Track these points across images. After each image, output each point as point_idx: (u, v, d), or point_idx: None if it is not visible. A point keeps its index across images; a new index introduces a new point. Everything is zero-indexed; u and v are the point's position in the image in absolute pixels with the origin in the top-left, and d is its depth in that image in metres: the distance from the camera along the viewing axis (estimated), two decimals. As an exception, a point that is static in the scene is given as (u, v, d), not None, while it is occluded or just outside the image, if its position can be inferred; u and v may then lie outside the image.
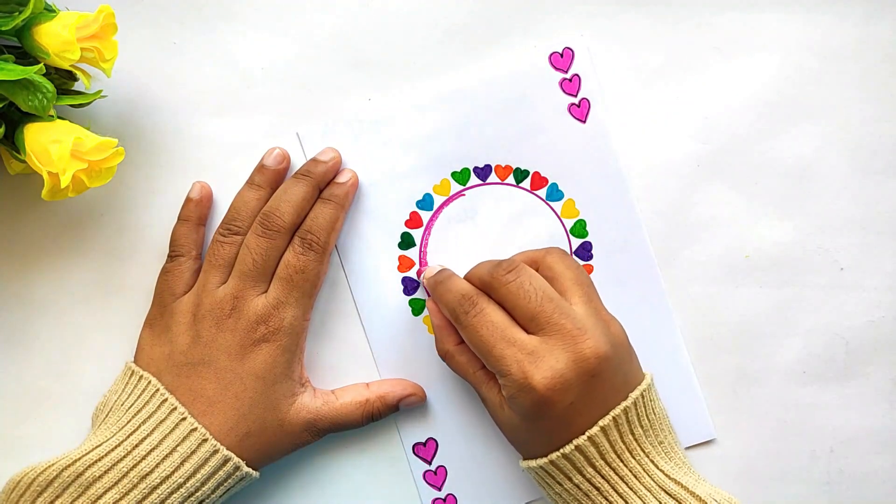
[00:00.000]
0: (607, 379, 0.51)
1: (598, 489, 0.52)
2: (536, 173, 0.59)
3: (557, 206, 0.59)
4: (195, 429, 0.53)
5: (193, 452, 0.53)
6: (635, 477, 0.52)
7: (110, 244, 0.59)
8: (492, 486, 0.59)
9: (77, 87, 0.56)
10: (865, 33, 0.59)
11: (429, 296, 0.58)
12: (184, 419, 0.53)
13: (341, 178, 0.58)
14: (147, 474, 0.52)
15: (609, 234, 0.59)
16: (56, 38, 0.52)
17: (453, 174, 0.59)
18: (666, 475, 0.52)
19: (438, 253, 0.59)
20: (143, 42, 0.59)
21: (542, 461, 0.53)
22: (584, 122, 0.59)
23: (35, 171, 0.53)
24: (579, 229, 0.59)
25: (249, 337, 0.55)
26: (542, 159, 0.59)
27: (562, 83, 0.59)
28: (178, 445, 0.53)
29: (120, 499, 0.52)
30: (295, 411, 0.56)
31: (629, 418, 0.52)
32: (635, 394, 0.52)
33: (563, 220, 0.59)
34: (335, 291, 0.59)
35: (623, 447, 0.52)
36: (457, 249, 0.59)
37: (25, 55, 0.53)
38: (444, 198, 0.59)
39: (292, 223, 0.56)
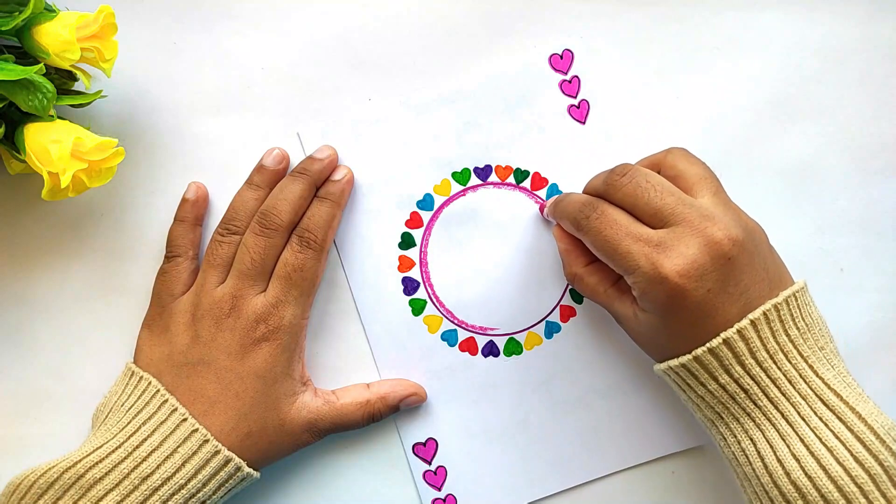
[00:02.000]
0: (746, 266, 0.49)
1: (745, 391, 0.49)
2: (536, 174, 0.59)
3: (558, 206, 0.59)
4: (196, 430, 0.53)
5: (195, 454, 0.53)
6: (789, 381, 0.48)
7: (110, 244, 0.59)
8: (492, 486, 0.59)
9: (77, 87, 0.56)
10: (866, 33, 0.59)
11: (556, 225, 0.57)
12: (184, 420, 0.53)
13: (336, 176, 0.58)
14: (148, 476, 0.52)
15: (609, 234, 0.59)
16: (56, 38, 0.52)
17: (454, 174, 0.59)
18: (826, 384, 0.48)
19: (439, 253, 0.59)
20: (143, 42, 0.59)
21: (684, 358, 0.49)
22: (584, 123, 0.59)
23: (35, 171, 0.53)
24: (580, 230, 0.59)
25: (249, 336, 0.55)
26: (542, 160, 0.59)
27: (561, 84, 0.59)
28: (179, 447, 0.53)
29: (121, 501, 0.52)
30: (296, 411, 0.56)
31: (781, 316, 0.49)
32: (787, 292, 0.49)
33: (563, 220, 0.59)
34: (335, 291, 0.59)
35: (776, 347, 0.49)
36: (457, 249, 0.59)
37: (25, 55, 0.53)
38: (445, 198, 0.59)
39: (290, 222, 0.56)
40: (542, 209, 0.59)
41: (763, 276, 0.50)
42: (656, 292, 0.49)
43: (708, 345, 0.49)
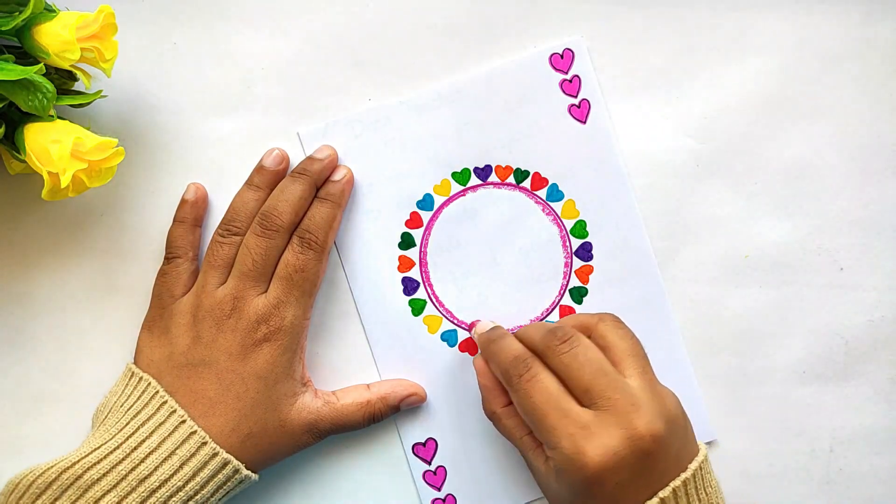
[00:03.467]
0: (661, 458, 0.49)
1: None
2: (537, 174, 0.59)
3: (558, 206, 0.59)
4: (195, 431, 0.53)
5: (193, 455, 0.53)
6: None
7: (110, 244, 0.59)
8: (491, 487, 0.59)
9: (77, 87, 0.56)
10: (865, 34, 0.59)
11: (477, 352, 0.57)
12: (183, 422, 0.53)
13: (336, 176, 0.58)
14: (146, 477, 0.52)
15: (609, 234, 0.59)
16: (56, 38, 0.52)
17: (454, 174, 0.59)
18: None
19: (439, 253, 0.59)
20: (143, 42, 0.59)
21: None
22: (585, 122, 0.59)
23: (35, 171, 0.53)
24: (579, 230, 0.59)
25: (250, 337, 0.55)
26: (542, 160, 0.59)
27: (562, 84, 0.59)
28: (177, 448, 0.53)
29: (119, 502, 0.51)
30: (296, 411, 0.56)
31: (688, 490, 0.50)
32: (694, 465, 0.50)
33: (563, 220, 0.59)
34: (335, 291, 0.59)
35: None
36: (457, 249, 0.59)
37: (25, 55, 0.53)
38: (445, 198, 0.59)
39: (291, 222, 0.56)
40: (470, 327, 0.59)
41: (675, 460, 0.50)
42: (573, 475, 0.49)
43: None
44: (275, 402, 0.55)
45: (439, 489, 0.59)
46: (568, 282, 0.59)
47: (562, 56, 0.59)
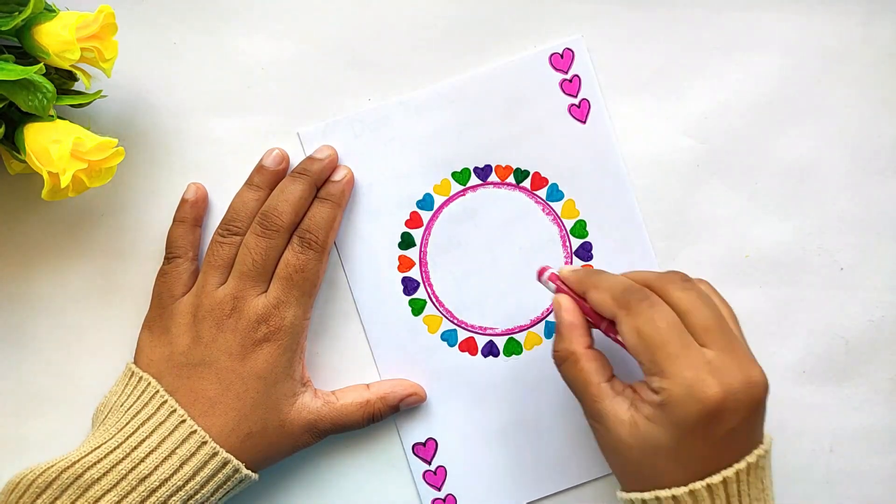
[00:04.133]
0: (760, 417, 0.49)
1: None
2: (537, 174, 0.59)
3: (558, 206, 0.59)
4: (195, 431, 0.53)
5: (193, 455, 0.53)
6: None
7: (110, 244, 0.59)
8: (491, 486, 0.59)
9: (77, 87, 0.56)
10: (865, 33, 0.59)
11: (559, 290, 0.53)
12: (183, 421, 0.53)
13: (336, 176, 0.58)
14: (146, 477, 0.52)
15: (609, 234, 0.59)
16: (56, 38, 0.52)
17: (453, 174, 0.59)
18: None
19: (438, 253, 0.59)
20: (143, 42, 0.59)
21: (678, 490, 0.47)
22: (585, 122, 0.59)
23: (35, 171, 0.53)
24: (579, 230, 0.59)
25: (250, 337, 0.55)
26: (542, 160, 0.59)
27: (562, 84, 0.59)
28: (177, 448, 0.53)
29: (119, 501, 0.52)
30: (296, 411, 0.56)
31: (763, 465, 0.49)
32: (769, 443, 0.50)
33: (563, 220, 0.59)
34: (335, 291, 0.59)
35: (758, 493, 0.48)
36: (457, 249, 0.59)
37: (25, 55, 0.53)
38: (445, 198, 0.59)
39: (291, 222, 0.56)
40: (540, 273, 0.54)
41: (761, 430, 0.50)
42: (690, 408, 0.46)
43: (708, 480, 0.47)
44: (274, 401, 0.55)
45: (439, 489, 0.59)
46: (568, 282, 0.59)
47: (562, 56, 0.59)
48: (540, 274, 0.54)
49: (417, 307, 0.59)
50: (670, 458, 0.48)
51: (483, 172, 0.59)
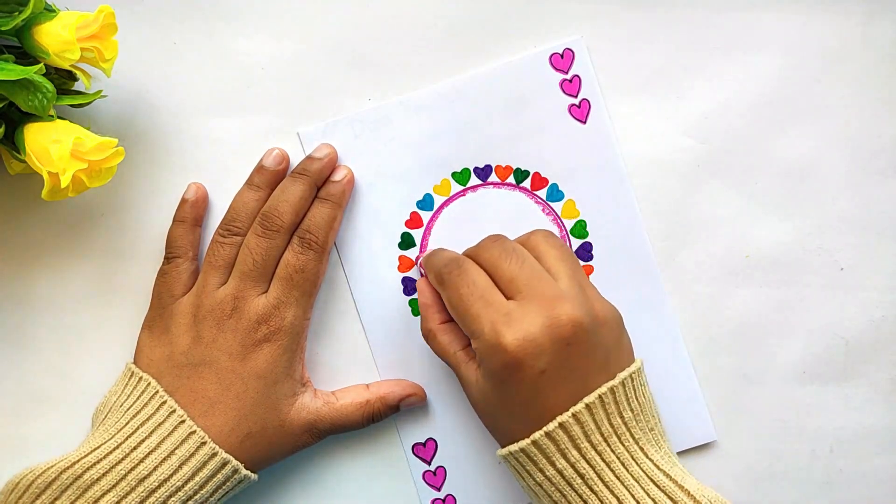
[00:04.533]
0: (585, 352, 0.49)
1: (581, 476, 0.49)
2: (537, 174, 0.59)
3: (558, 206, 0.59)
4: (194, 431, 0.53)
5: (192, 455, 0.53)
6: (622, 464, 0.49)
7: (110, 244, 0.59)
8: (491, 487, 0.59)
9: (77, 87, 0.56)
10: (865, 33, 0.59)
11: (422, 275, 0.57)
12: (183, 422, 0.53)
13: (337, 176, 0.58)
14: (145, 477, 0.52)
15: (609, 234, 0.59)
16: (56, 38, 0.52)
17: (453, 174, 0.59)
18: (655, 465, 0.50)
19: (438, 253, 0.59)
20: (143, 42, 0.59)
21: (523, 443, 0.49)
22: (585, 122, 0.59)
23: (35, 171, 0.53)
24: (579, 230, 0.59)
25: (251, 337, 0.55)
26: (542, 160, 0.59)
27: (562, 84, 0.59)
28: (176, 448, 0.53)
29: (118, 502, 0.51)
30: (296, 411, 0.56)
31: (616, 398, 0.50)
32: (623, 374, 0.50)
33: (563, 220, 0.59)
34: (335, 291, 0.59)
35: (610, 430, 0.49)
36: (457, 250, 0.59)
37: (25, 55, 0.53)
38: (445, 198, 0.59)
39: (291, 223, 0.56)
40: (416, 262, 0.59)
41: (602, 364, 0.50)
42: (493, 360, 0.49)
43: (545, 429, 0.49)
44: (274, 402, 0.55)
45: (439, 489, 0.59)
46: (568, 282, 0.59)
47: (562, 56, 0.59)
48: (416, 261, 0.59)
49: (417, 307, 0.59)
50: (506, 410, 0.50)
51: (483, 172, 0.59)
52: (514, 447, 0.50)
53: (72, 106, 0.56)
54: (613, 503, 0.49)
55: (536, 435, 0.49)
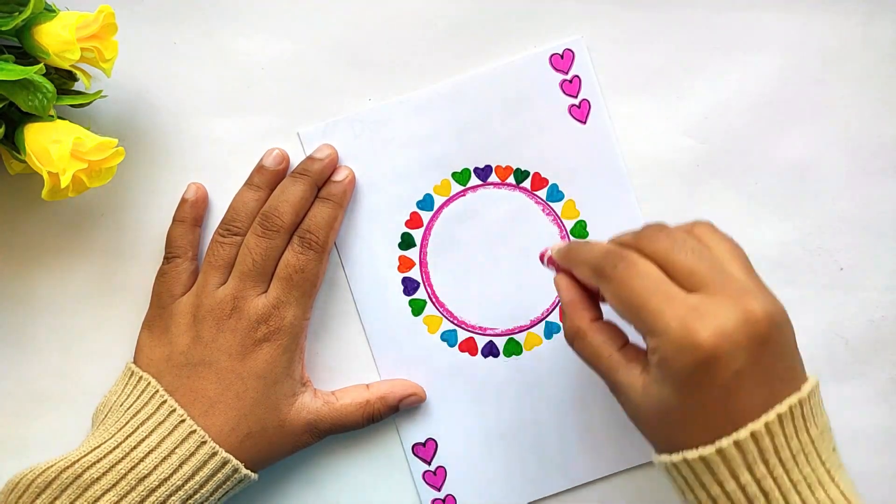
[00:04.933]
0: (778, 352, 0.44)
1: (766, 495, 0.43)
2: (537, 174, 0.59)
3: (558, 206, 0.59)
4: (194, 431, 0.53)
5: (192, 455, 0.53)
6: (809, 487, 0.44)
7: (110, 244, 0.59)
8: (491, 487, 0.59)
9: (77, 87, 0.56)
10: (865, 33, 0.59)
11: (558, 271, 0.52)
12: (183, 421, 0.53)
13: (338, 177, 0.58)
14: (145, 476, 0.52)
15: (609, 234, 0.59)
16: (56, 38, 0.52)
17: (454, 174, 0.59)
18: (842, 493, 0.44)
19: (438, 253, 0.59)
20: (143, 42, 0.59)
21: (706, 450, 0.43)
22: (585, 123, 0.59)
23: (35, 171, 0.53)
24: (580, 230, 0.59)
25: (250, 337, 0.55)
26: (542, 160, 0.59)
27: (562, 84, 0.59)
28: (176, 447, 0.53)
29: (118, 501, 0.51)
30: (296, 411, 0.56)
31: (804, 412, 0.44)
32: (808, 387, 0.45)
33: (563, 220, 0.59)
34: (335, 291, 0.59)
35: (799, 446, 0.44)
36: (457, 250, 0.59)
37: (25, 55, 0.53)
38: (445, 198, 0.59)
39: (291, 223, 0.56)
40: (541, 257, 0.54)
41: (790, 367, 0.45)
42: (684, 360, 0.43)
43: (735, 436, 0.43)
44: (274, 401, 0.55)
45: (439, 489, 0.59)
46: (568, 282, 0.59)
47: (562, 56, 0.59)
48: (541, 258, 0.54)
49: (417, 307, 0.59)
50: (686, 416, 0.44)
51: (483, 173, 0.59)
52: (691, 454, 0.44)
53: (72, 106, 0.56)
54: None
55: (724, 443, 0.43)
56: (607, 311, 0.50)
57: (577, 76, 0.59)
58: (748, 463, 0.43)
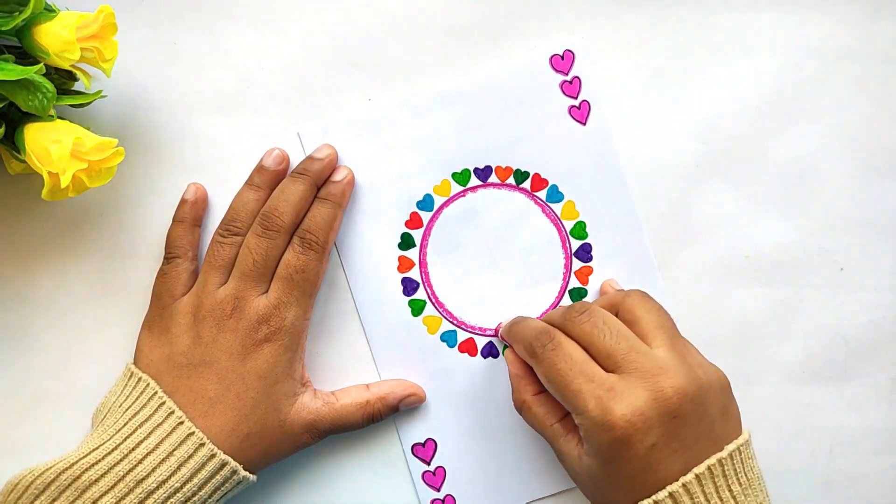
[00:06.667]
0: (692, 423, 0.48)
1: None
2: (537, 175, 0.59)
3: (557, 207, 0.59)
4: (193, 432, 0.53)
5: (191, 456, 0.53)
6: None
7: (110, 244, 0.59)
8: (490, 487, 0.59)
9: (77, 87, 0.56)
10: (865, 33, 0.59)
11: (506, 347, 0.57)
12: (182, 422, 0.53)
13: (337, 177, 0.58)
14: (143, 478, 0.52)
15: (609, 235, 0.59)
16: (56, 38, 0.52)
17: (454, 175, 0.59)
18: None
19: (438, 253, 0.59)
20: (143, 42, 0.59)
21: None
22: (585, 124, 0.59)
23: (35, 171, 0.53)
24: (579, 231, 0.59)
25: (251, 337, 0.55)
26: (542, 161, 0.59)
27: (562, 85, 0.59)
28: (175, 449, 0.53)
29: (117, 502, 0.51)
30: (296, 411, 0.56)
31: (725, 471, 0.48)
32: (731, 446, 0.49)
33: (563, 221, 0.59)
34: (335, 291, 0.59)
35: (719, 503, 0.48)
36: (457, 250, 0.59)
37: (25, 55, 0.53)
38: (445, 198, 0.59)
39: (292, 223, 0.56)
40: (496, 331, 0.59)
41: (709, 434, 0.49)
42: (602, 437, 0.48)
43: (654, 497, 0.47)
44: (275, 402, 0.55)
45: (438, 490, 0.59)
46: (567, 283, 0.59)
47: (562, 57, 0.59)
48: (495, 332, 0.59)
49: (417, 308, 0.59)
50: (613, 483, 0.49)
51: (483, 173, 0.59)
52: None
53: (72, 106, 0.56)
54: None
55: (645, 503, 0.48)
56: None
57: (578, 77, 0.59)
58: None
